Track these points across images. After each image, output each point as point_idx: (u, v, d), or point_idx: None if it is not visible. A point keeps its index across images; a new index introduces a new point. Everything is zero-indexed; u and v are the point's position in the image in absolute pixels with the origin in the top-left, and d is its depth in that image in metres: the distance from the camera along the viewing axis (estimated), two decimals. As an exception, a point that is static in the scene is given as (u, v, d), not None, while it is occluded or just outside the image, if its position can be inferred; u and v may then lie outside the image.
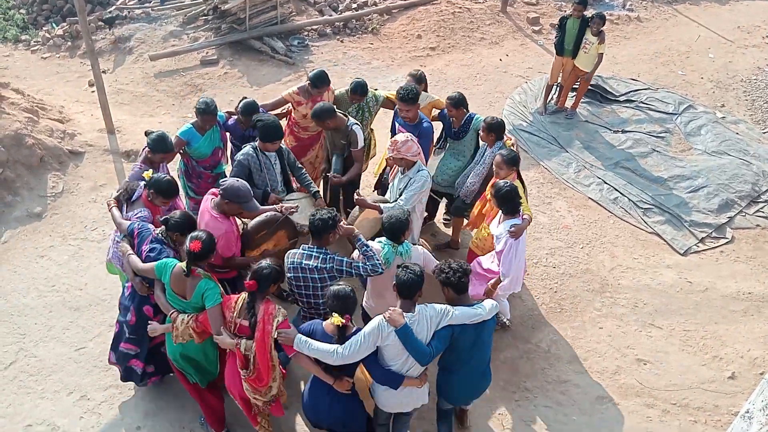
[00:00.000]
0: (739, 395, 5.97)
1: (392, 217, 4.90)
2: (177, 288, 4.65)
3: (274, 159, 5.94)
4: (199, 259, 4.58)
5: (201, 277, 4.59)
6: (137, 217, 5.17)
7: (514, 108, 9.80)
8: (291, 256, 4.86)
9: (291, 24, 11.19)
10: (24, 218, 7.36)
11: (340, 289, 4.36)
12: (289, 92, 6.63)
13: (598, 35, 8.80)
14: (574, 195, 8.28)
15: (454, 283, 4.45)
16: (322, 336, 4.38)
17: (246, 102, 6.31)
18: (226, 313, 4.57)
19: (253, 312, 4.44)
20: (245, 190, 5.15)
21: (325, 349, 4.27)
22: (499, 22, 11.99)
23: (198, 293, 4.57)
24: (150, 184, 5.24)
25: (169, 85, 9.92)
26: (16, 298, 6.50)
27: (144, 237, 4.95)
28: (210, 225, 5.09)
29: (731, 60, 11.32)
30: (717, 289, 7.06)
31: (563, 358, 6.25)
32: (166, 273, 4.64)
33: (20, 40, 10.91)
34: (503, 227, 5.44)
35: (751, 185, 8.49)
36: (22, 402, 5.60)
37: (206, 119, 6.08)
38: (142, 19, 11.03)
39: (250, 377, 4.53)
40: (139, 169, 5.58)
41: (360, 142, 6.35)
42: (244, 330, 4.48)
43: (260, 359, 4.43)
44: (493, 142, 6.16)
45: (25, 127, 7.85)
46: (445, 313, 4.40)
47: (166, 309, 4.73)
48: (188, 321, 4.63)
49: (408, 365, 4.40)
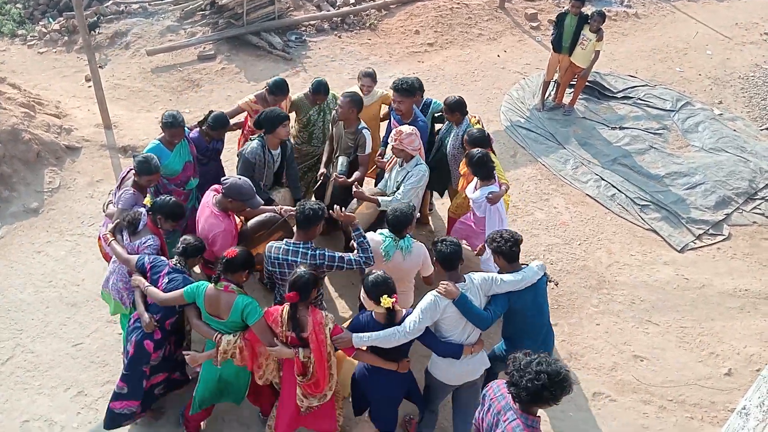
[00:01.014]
0: (735, 392, 5.98)
1: (397, 210, 4.93)
2: (212, 309, 4.52)
3: (277, 156, 5.93)
4: (233, 269, 4.46)
5: (235, 293, 4.45)
6: (146, 246, 4.95)
7: (511, 104, 9.80)
8: (273, 251, 4.76)
9: (288, 19, 11.15)
10: (20, 214, 7.34)
11: (376, 277, 4.40)
12: (246, 101, 6.50)
13: (597, 32, 8.79)
14: (571, 191, 8.28)
15: (506, 252, 4.67)
16: (375, 327, 4.46)
17: (215, 115, 6.14)
18: (274, 327, 4.46)
19: (296, 323, 4.36)
20: (248, 187, 5.14)
21: (387, 334, 4.37)
22: (497, 18, 11.97)
23: (236, 311, 4.43)
24: (157, 209, 5.00)
25: (167, 81, 9.89)
26: (13, 293, 6.49)
27: (159, 269, 4.75)
28: (209, 221, 5.09)
29: (729, 57, 11.32)
30: (714, 286, 7.08)
31: (560, 354, 6.26)
32: (200, 295, 4.51)
33: (17, 35, 10.87)
34: (480, 193, 5.69)
35: (748, 182, 8.51)
36: (19, 398, 5.59)
37: (174, 133, 5.79)
38: (139, 14, 10.99)
39: (306, 383, 4.48)
40: (131, 195, 5.29)
41: (368, 148, 6.23)
42: (294, 341, 4.42)
43: (319, 368, 4.41)
44: (459, 120, 6.29)
45: (21, 122, 7.82)
46: (494, 280, 4.61)
47: (208, 334, 4.56)
48: (235, 340, 4.51)
49: (466, 333, 4.54)
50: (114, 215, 5.25)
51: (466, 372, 4.68)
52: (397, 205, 5.04)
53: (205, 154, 6.24)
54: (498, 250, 4.70)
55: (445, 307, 4.41)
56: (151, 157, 5.39)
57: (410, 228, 4.99)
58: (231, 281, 4.48)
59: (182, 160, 5.92)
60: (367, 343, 4.41)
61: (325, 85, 6.50)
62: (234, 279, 4.50)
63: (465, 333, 4.53)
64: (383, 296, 4.34)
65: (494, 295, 4.63)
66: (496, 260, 4.78)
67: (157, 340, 4.79)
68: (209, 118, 6.14)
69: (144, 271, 4.79)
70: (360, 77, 6.74)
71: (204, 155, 6.22)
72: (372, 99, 6.75)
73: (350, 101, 6.06)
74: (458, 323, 4.48)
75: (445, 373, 4.69)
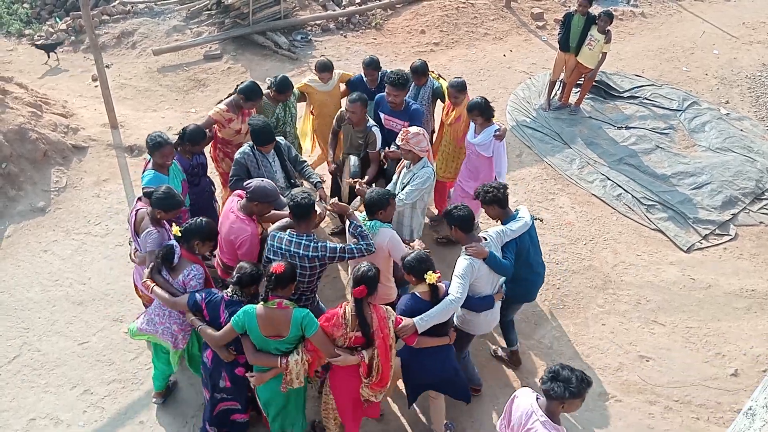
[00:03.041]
0: (741, 392, 5.96)
1: (373, 192, 5.08)
2: (268, 330, 4.34)
3: (272, 156, 5.90)
4: (282, 284, 4.32)
5: (290, 307, 4.33)
6: (191, 278, 4.67)
7: (517, 104, 9.78)
8: (276, 241, 4.78)
9: (294, 19, 11.17)
10: (27, 213, 7.38)
11: (418, 254, 4.61)
12: (217, 110, 6.21)
13: (605, 34, 8.76)
14: (577, 191, 8.26)
15: (502, 199, 5.14)
16: (421, 306, 4.62)
17: (192, 130, 5.82)
18: (335, 331, 4.36)
19: (364, 321, 4.32)
20: (272, 188, 5.15)
21: (441, 308, 4.58)
22: (503, 17, 11.96)
23: (296, 325, 4.31)
24: (193, 235, 4.72)
25: (173, 80, 9.92)
26: (20, 292, 6.52)
27: (216, 303, 4.53)
28: (235, 226, 5.07)
29: (736, 56, 11.27)
30: (720, 286, 7.05)
31: (565, 354, 6.25)
32: (251, 320, 4.31)
33: (24, 35, 10.92)
34: (484, 135, 6.21)
35: (755, 182, 8.47)
36: (26, 396, 5.62)
37: (165, 153, 5.42)
38: (146, 14, 11.03)
39: (374, 383, 4.49)
40: (157, 235, 4.90)
41: (378, 144, 6.27)
42: (358, 341, 4.37)
43: (383, 363, 4.43)
44: (425, 81, 6.77)
45: (28, 122, 7.86)
46: (504, 232, 5.09)
47: (271, 362, 4.41)
48: (301, 358, 4.39)
49: (492, 285, 5.03)
50: (146, 260, 4.91)
51: (494, 320, 5.24)
52: (377, 189, 5.15)
53: (193, 172, 5.95)
54: (494, 199, 5.13)
55: (479, 266, 4.79)
56: (169, 189, 5.00)
57: (383, 214, 5.02)
58: (282, 296, 4.35)
59: (179, 179, 5.65)
60: (428, 323, 4.55)
61: (290, 81, 6.47)
62: (284, 294, 4.37)
63: (492, 284, 5.03)
64: (428, 272, 4.50)
65: (505, 244, 5.09)
66: (491, 210, 5.21)
67: (245, 363, 4.62)
68: (186, 132, 5.80)
69: (199, 309, 4.56)
70: (319, 70, 6.81)
71: (192, 174, 5.93)
72: (333, 84, 6.93)
73: (360, 104, 6.09)
74: (489, 278, 4.94)
75: (482, 325, 5.18)
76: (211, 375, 4.72)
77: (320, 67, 6.85)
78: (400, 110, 6.36)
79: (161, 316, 4.90)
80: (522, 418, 3.82)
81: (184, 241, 4.74)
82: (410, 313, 4.59)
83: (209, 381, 4.77)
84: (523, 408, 3.86)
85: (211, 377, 4.74)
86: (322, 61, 6.89)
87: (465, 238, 4.89)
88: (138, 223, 5.05)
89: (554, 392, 3.68)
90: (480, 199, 5.21)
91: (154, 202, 4.88)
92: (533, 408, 3.79)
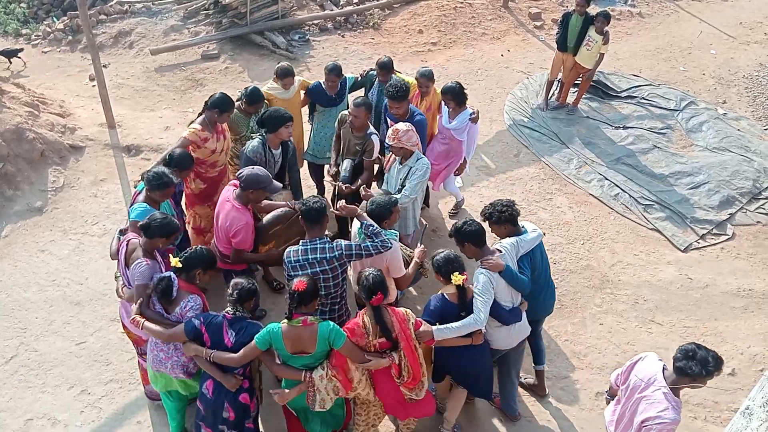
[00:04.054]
0: (738, 392, 5.97)
1: (375, 203, 5.03)
2: (295, 347, 4.29)
3: (278, 157, 5.95)
4: (306, 301, 4.25)
5: (315, 323, 4.25)
6: (188, 310, 4.50)
7: (515, 103, 9.78)
8: (293, 255, 4.74)
9: (292, 19, 11.16)
10: (25, 212, 7.36)
11: (446, 255, 4.65)
12: (192, 131, 5.86)
13: (603, 34, 8.77)
14: (574, 191, 8.27)
15: (512, 217, 4.98)
16: (450, 308, 4.64)
17: (180, 155, 5.48)
18: (358, 341, 4.35)
19: (385, 326, 4.32)
20: (264, 174, 5.21)
21: (465, 324, 4.56)
22: (500, 17, 11.96)
23: (322, 340, 4.25)
24: (195, 264, 4.56)
25: (170, 80, 9.91)
26: (17, 292, 6.51)
27: (218, 325, 4.38)
28: (231, 215, 5.14)
29: (733, 56, 11.29)
30: (717, 286, 7.06)
31: (563, 353, 6.25)
32: (277, 338, 4.25)
33: (21, 34, 10.90)
34: (460, 120, 6.51)
35: (752, 182, 8.48)
36: (23, 396, 5.61)
37: (167, 192, 5.15)
38: (143, 14, 11.02)
39: (407, 383, 4.49)
40: (146, 267, 4.60)
41: (375, 153, 6.24)
42: (384, 345, 4.37)
43: (412, 363, 4.44)
44: (389, 77, 6.72)
45: (25, 122, 7.85)
46: (519, 243, 4.95)
47: (295, 376, 4.35)
48: (327, 374, 4.31)
49: (512, 296, 4.88)
50: (134, 295, 4.63)
51: (520, 333, 5.04)
52: (378, 198, 5.09)
53: (176, 200, 5.70)
54: (504, 219, 4.96)
55: (497, 279, 4.70)
56: (164, 213, 4.81)
57: (387, 223, 5.02)
58: (306, 313, 4.29)
59: (170, 213, 5.27)
60: (446, 335, 4.55)
61: (261, 92, 6.34)
62: (308, 311, 4.31)
63: (512, 297, 4.88)
64: (455, 273, 4.52)
65: (520, 259, 4.96)
66: (502, 230, 5.02)
67: (248, 389, 4.55)
68: (173, 160, 5.43)
69: (199, 335, 4.39)
70: (281, 76, 6.63)
71: (176, 202, 5.69)
72: (294, 90, 6.79)
73: (365, 109, 6.04)
74: (508, 290, 4.82)
75: (505, 339, 5.00)
76: (212, 406, 4.52)
77: (282, 73, 6.63)
78: (405, 119, 6.31)
79: (165, 351, 4.64)
80: (642, 382, 4.05)
81: (185, 271, 4.56)
82: (438, 314, 4.62)
83: (210, 414, 4.56)
84: (646, 373, 4.08)
85: (212, 409, 4.53)
86: (284, 67, 6.67)
87: (479, 252, 4.79)
88: (129, 254, 4.77)
89: (692, 371, 3.90)
90: (493, 220, 5.00)
91: (153, 230, 4.61)
92: (657, 377, 4.02)
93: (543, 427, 5.62)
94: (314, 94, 6.85)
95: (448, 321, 4.60)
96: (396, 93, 6.05)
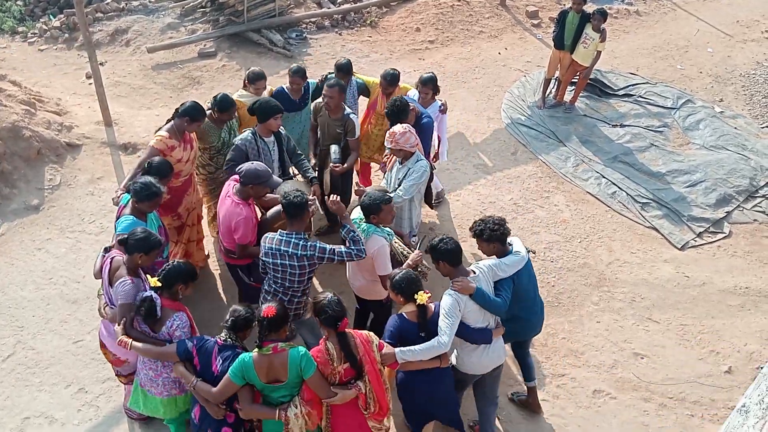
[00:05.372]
0: (735, 389, 5.98)
1: (368, 196, 5.02)
2: (269, 376, 4.11)
3: (273, 145, 5.94)
4: (275, 329, 4.11)
5: (286, 349, 4.10)
6: (176, 328, 4.37)
7: (512, 101, 9.78)
8: (268, 242, 4.82)
9: (289, 16, 11.14)
10: (21, 211, 7.35)
11: (407, 275, 4.49)
12: (159, 139, 5.72)
13: (600, 32, 8.77)
14: (572, 189, 8.28)
15: (502, 236, 4.83)
16: (409, 327, 4.49)
17: (159, 162, 5.34)
18: (324, 369, 4.18)
19: (349, 350, 4.17)
20: (263, 169, 5.22)
21: (428, 347, 4.38)
22: (498, 15, 11.95)
23: (294, 367, 4.10)
24: (175, 279, 4.41)
25: (167, 78, 9.89)
26: (14, 290, 6.50)
27: (208, 350, 4.24)
28: (230, 209, 5.16)
29: (730, 54, 11.30)
30: (714, 284, 7.08)
31: (560, 351, 6.26)
32: (249, 369, 4.07)
33: (17, 32, 10.85)
34: (431, 110, 6.54)
35: (749, 180, 8.50)
36: (20, 394, 5.60)
37: (155, 203, 5.04)
38: (140, 11, 10.98)
39: (374, 413, 4.33)
40: (131, 286, 4.48)
41: (357, 131, 6.35)
42: (348, 373, 4.21)
43: (377, 391, 4.29)
44: (348, 78, 6.74)
45: (22, 120, 7.82)
46: (498, 265, 4.77)
47: (270, 415, 4.16)
48: (300, 411, 4.16)
49: (488, 320, 4.69)
50: (117, 315, 4.52)
51: (495, 358, 4.84)
52: (373, 192, 5.09)
53: None
54: (495, 237, 4.82)
55: (466, 302, 4.53)
56: (145, 229, 4.66)
57: (376, 218, 5.02)
58: (276, 340, 4.14)
59: (156, 225, 5.23)
60: (409, 357, 4.39)
61: (232, 99, 6.12)
62: (278, 337, 4.15)
63: (487, 320, 4.69)
64: (419, 293, 4.41)
65: (500, 281, 4.77)
66: (491, 247, 4.88)
67: (233, 423, 4.36)
68: (152, 168, 5.28)
69: (190, 358, 4.26)
70: (252, 81, 6.51)
71: None
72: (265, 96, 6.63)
73: (338, 89, 6.09)
74: (480, 313, 4.63)
75: (476, 365, 4.82)
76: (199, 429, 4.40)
77: (253, 77, 6.48)
78: (412, 123, 6.29)
79: (154, 369, 4.52)
80: None
81: (166, 288, 4.41)
82: (397, 334, 4.48)
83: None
84: None
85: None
86: (255, 71, 6.53)
87: (453, 271, 4.63)
88: (113, 272, 4.62)
89: None
90: (483, 237, 4.86)
91: (131, 246, 4.48)
92: None
93: (540, 424, 5.63)
94: (278, 99, 6.55)
95: (408, 341, 4.44)
96: (393, 112, 6.01)
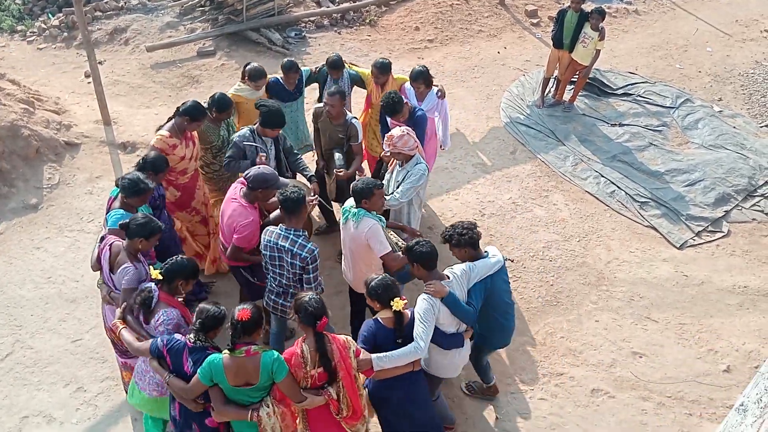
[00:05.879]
0: (734, 388, 5.99)
1: (359, 182, 5.12)
2: (239, 379, 4.05)
3: (270, 144, 5.97)
4: (249, 332, 4.05)
5: (259, 353, 4.04)
6: (160, 323, 4.35)
7: (511, 101, 9.78)
8: (268, 234, 4.90)
9: (288, 15, 11.13)
10: (20, 210, 7.34)
11: (384, 280, 4.44)
12: (159, 137, 5.77)
13: (599, 31, 8.77)
14: (571, 188, 8.28)
15: (473, 241, 4.82)
16: (384, 333, 4.44)
17: (155, 157, 5.37)
18: (297, 372, 4.13)
19: (325, 354, 4.11)
20: (271, 173, 5.25)
21: (405, 353, 4.37)
22: (497, 14, 11.95)
23: (265, 371, 4.04)
24: (176, 274, 4.45)
25: (166, 77, 9.88)
26: (12, 289, 6.50)
27: (178, 350, 4.16)
28: (237, 212, 5.16)
29: (729, 54, 11.30)
30: (713, 283, 7.08)
31: (559, 350, 6.27)
32: (218, 372, 4.01)
33: (16, 31, 10.84)
34: (429, 100, 6.65)
35: (748, 179, 8.50)
36: (19, 393, 5.60)
37: (143, 199, 5.06)
38: (139, 10, 10.97)
39: (347, 417, 4.32)
40: (134, 271, 4.56)
41: (360, 136, 6.34)
42: (322, 377, 4.17)
43: (351, 395, 4.25)
44: (340, 73, 6.81)
45: (20, 119, 7.82)
46: (471, 268, 4.76)
47: (241, 416, 4.12)
48: (273, 411, 4.13)
49: (457, 322, 4.70)
50: (120, 299, 4.59)
51: (462, 361, 4.93)
52: (365, 178, 5.20)
53: (154, 205, 5.52)
54: (464, 242, 4.80)
55: (439, 305, 4.53)
56: (145, 214, 4.72)
57: (367, 203, 5.05)
58: (249, 343, 4.09)
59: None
60: (386, 364, 4.35)
61: (229, 98, 6.19)
62: (251, 340, 4.11)
63: (458, 324, 4.71)
64: (395, 299, 4.37)
65: (471, 290, 4.75)
66: (462, 253, 4.86)
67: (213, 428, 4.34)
68: (147, 163, 5.33)
69: (161, 357, 4.21)
70: (253, 79, 6.52)
71: (153, 206, 5.49)
72: (262, 90, 6.65)
73: (339, 97, 6.10)
74: (451, 317, 4.64)
75: (448, 367, 4.88)
76: (181, 428, 4.38)
77: (256, 74, 6.48)
78: (406, 117, 6.30)
79: (145, 362, 4.49)
80: None
81: (167, 282, 4.45)
82: (372, 339, 4.44)
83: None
84: None
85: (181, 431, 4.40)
86: (258, 69, 6.52)
87: (427, 275, 4.61)
88: (113, 258, 4.67)
89: None
90: (452, 243, 4.86)
91: (133, 231, 4.56)
92: None
93: (538, 423, 5.64)
94: (273, 89, 6.75)
95: (384, 347, 4.40)
96: (389, 108, 6.10)
